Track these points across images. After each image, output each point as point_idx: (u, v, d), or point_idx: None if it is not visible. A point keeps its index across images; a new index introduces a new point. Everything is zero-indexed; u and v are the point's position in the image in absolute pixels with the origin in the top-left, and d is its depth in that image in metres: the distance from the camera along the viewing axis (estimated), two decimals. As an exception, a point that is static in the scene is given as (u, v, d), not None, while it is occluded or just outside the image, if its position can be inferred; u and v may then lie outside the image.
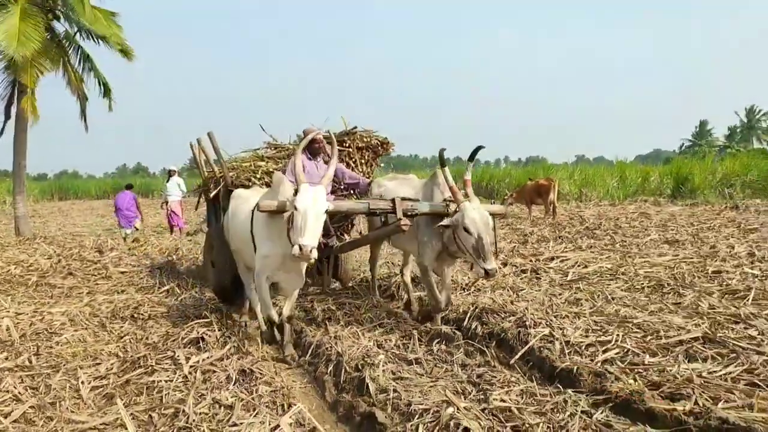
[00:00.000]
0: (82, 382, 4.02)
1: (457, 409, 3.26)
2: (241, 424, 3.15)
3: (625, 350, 4.29)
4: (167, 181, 15.01)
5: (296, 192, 4.23)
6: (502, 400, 3.37)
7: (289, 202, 4.25)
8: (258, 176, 6.67)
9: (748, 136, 72.25)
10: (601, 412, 3.24)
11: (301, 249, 3.94)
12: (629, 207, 17.94)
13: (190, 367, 4.19)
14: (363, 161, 7.22)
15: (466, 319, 5.34)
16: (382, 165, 7.54)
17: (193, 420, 3.22)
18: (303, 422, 3.27)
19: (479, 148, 5.03)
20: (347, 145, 7.08)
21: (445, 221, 4.75)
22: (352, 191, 6.53)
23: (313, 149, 6.08)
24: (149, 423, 3.32)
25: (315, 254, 3.98)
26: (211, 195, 7.07)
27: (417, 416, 3.27)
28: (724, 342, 4.28)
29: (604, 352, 4.31)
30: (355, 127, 7.24)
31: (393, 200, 5.08)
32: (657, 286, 6.39)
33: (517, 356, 4.43)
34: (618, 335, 4.56)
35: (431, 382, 3.83)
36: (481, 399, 3.47)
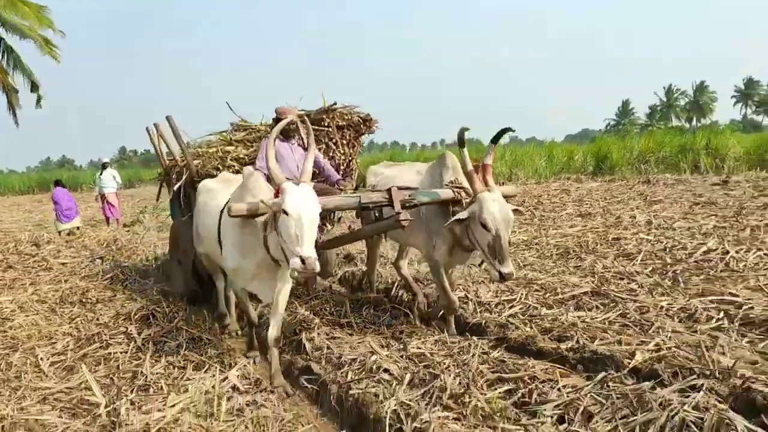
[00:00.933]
0: (41, 359, 4.39)
1: (380, 357, 3.87)
2: (194, 379, 3.65)
3: (527, 306, 5.01)
4: (101, 174, 15.00)
5: (277, 193, 3.61)
6: (418, 348, 4.00)
7: (268, 204, 3.56)
8: (227, 164, 6.06)
9: (667, 114, 76.10)
10: (498, 352, 3.91)
11: (303, 262, 3.28)
12: (553, 185, 19.06)
13: (143, 339, 4.62)
14: (344, 142, 6.51)
15: (394, 288, 5.95)
16: (364, 146, 6.84)
17: (151, 379, 3.69)
18: (248, 376, 3.80)
19: (506, 130, 4.36)
20: (326, 124, 6.39)
21: (461, 215, 4.10)
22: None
23: (286, 130, 5.61)
24: (111, 385, 3.76)
25: (318, 266, 3.34)
26: (174, 187, 6.38)
27: (347, 365, 3.85)
28: (607, 294, 5.07)
29: (510, 308, 5.03)
30: (335, 103, 6.45)
31: (389, 190, 4.42)
32: (564, 253, 7.20)
33: (436, 317, 5.08)
34: (522, 294, 5.30)
35: (360, 339, 4.42)
36: (401, 349, 4.09)
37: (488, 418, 2.95)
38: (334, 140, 6.40)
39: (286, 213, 3.39)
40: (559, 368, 3.51)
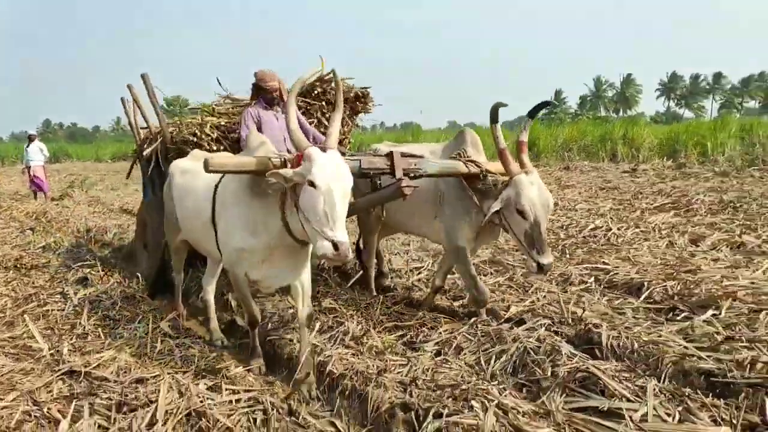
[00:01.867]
0: (-21, 316, 4.71)
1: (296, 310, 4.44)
2: (128, 328, 4.11)
3: (432, 272, 5.69)
4: (28, 146, 14.78)
5: (299, 160, 2.96)
6: (330, 304, 4.59)
7: (286, 174, 2.89)
8: (205, 131, 5.30)
9: (596, 104, 79.40)
10: (397, 306, 4.56)
11: (337, 247, 2.71)
12: (481, 169, 20.05)
13: (79, 299, 5.00)
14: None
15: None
16: (359, 125, 6.32)
17: (89, 329, 4.13)
18: (177, 327, 4.30)
19: (545, 104, 4.01)
20: (316, 95, 5.78)
21: (496, 206, 3.67)
22: None
23: (269, 98, 5.15)
24: (52, 335, 4.16)
25: (351, 252, 2.79)
26: (145, 154, 5.74)
27: (267, 318, 4.41)
28: (501, 262, 5.81)
29: (418, 274, 5.70)
30: (332, 71, 5.44)
31: (390, 155, 3.79)
32: (474, 228, 7.96)
33: (351, 281, 5.67)
34: (429, 262, 5.98)
35: (281, 298, 4.96)
36: (316, 305, 4.67)
37: (380, 353, 3.58)
38: (327, 115, 5.70)
39: (313, 185, 2.77)
40: (443, 317, 4.19)
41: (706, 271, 4.99)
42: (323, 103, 5.82)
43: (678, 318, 4.11)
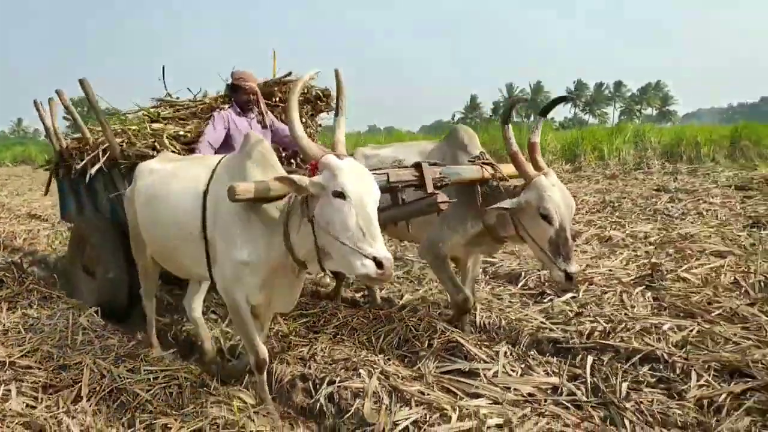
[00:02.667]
0: None
1: (211, 303, 4.85)
2: (49, 324, 4.37)
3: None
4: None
5: (314, 170, 2.70)
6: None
7: (303, 184, 2.57)
8: (162, 143, 4.67)
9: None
10: (304, 297, 5.07)
11: (381, 265, 2.37)
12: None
13: (-5, 301, 5.15)
14: (301, 120, 4.95)
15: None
16: (320, 125, 5.95)
17: (8, 326, 4.35)
18: (95, 321, 4.59)
19: (561, 99, 3.72)
20: (277, 99, 5.41)
21: (506, 203, 3.36)
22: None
23: (243, 102, 4.76)
24: (-30, 332, 4.35)
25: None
26: (80, 168, 5.01)
27: (181, 312, 4.79)
28: (403, 258, 6.45)
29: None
30: (290, 73, 5.43)
31: (418, 166, 3.50)
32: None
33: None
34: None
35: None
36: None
37: (285, 336, 4.07)
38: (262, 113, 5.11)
39: (341, 196, 2.47)
40: (344, 305, 4.74)
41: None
42: (282, 104, 5.35)
43: (544, 300, 4.84)
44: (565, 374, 3.30)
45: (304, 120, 5.46)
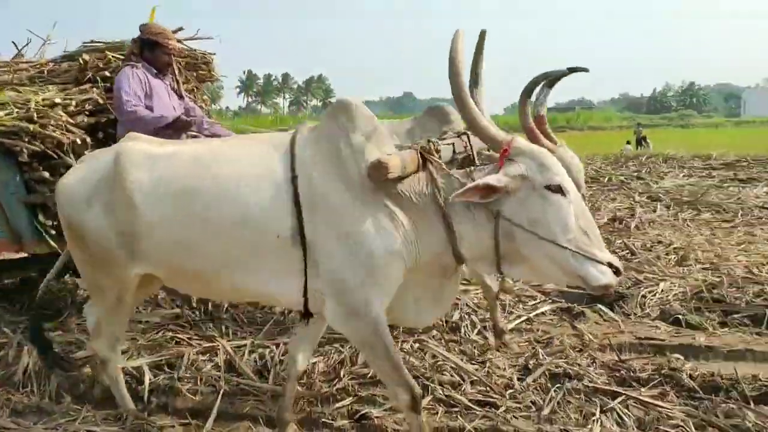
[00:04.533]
0: None
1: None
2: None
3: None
4: None
5: (502, 156, 2.20)
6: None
7: (506, 178, 2.13)
8: (64, 117, 3.64)
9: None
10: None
11: (618, 272, 2.10)
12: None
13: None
14: (188, 88, 4.55)
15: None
16: (206, 97, 5.22)
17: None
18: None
19: (572, 70, 2.76)
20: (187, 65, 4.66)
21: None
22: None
23: (163, 63, 3.94)
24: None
25: None
26: None
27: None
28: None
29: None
30: (180, 29, 4.50)
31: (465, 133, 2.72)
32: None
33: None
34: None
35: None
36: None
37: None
38: (177, 80, 4.33)
39: (560, 191, 2.12)
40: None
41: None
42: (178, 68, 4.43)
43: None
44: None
45: (192, 86, 4.72)
